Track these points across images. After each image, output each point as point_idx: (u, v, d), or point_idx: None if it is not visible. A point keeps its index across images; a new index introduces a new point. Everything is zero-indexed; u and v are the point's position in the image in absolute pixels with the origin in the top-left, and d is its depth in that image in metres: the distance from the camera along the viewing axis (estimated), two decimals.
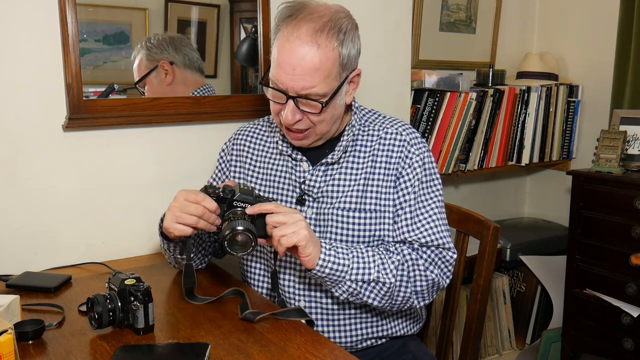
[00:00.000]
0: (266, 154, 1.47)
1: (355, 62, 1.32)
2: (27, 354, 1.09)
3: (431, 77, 2.30)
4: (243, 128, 1.54)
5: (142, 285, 1.17)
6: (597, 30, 2.65)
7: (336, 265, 1.25)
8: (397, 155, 1.36)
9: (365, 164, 1.37)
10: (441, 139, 2.33)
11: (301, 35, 1.22)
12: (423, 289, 1.31)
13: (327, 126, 1.32)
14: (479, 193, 2.88)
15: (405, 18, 2.11)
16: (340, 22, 1.26)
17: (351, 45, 1.28)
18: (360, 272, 1.26)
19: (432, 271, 1.31)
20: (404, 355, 1.41)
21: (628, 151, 2.33)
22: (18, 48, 1.49)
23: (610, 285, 2.26)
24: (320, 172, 1.38)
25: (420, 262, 1.30)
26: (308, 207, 1.38)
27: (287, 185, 1.41)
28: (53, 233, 1.59)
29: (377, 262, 1.28)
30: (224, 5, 1.89)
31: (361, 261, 1.27)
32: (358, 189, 1.36)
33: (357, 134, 1.40)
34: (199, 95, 1.80)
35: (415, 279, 1.30)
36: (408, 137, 1.38)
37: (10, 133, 1.51)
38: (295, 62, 1.22)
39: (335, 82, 1.27)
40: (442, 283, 1.34)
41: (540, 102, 2.59)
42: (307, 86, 1.23)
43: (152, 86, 1.74)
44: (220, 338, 1.15)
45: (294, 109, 1.26)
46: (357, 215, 1.35)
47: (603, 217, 2.28)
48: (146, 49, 1.73)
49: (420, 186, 1.35)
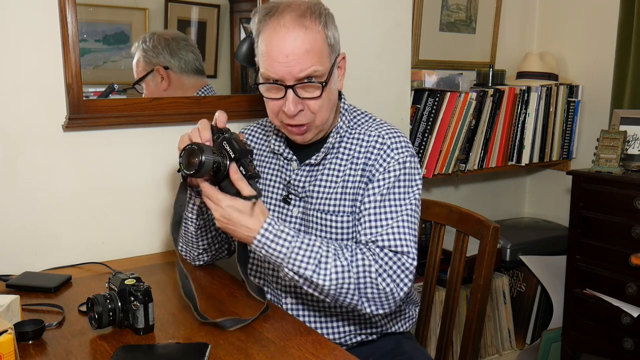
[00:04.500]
0: (262, 153, 1.48)
1: (338, 45, 1.33)
2: (27, 354, 1.09)
3: (431, 77, 2.30)
4: (243, 130, 1.55)
5: (142, 285, 1.17)
6: (597, 30, 2.65)
7: (271, 250, 1.22)
8: (374, 158, 1.34)
9: (345, 166, 1.36)
10: (441, 139, 2.33)
11: (286, 23, 1.24)
12: (374, 297, 1.24)
13: (326, 113, 1.31)
14: (479, 193, 2.88)
15: (405, 18, 2.11)
16: (319, 7, 1.28)
17: (333, 28, 1.30)
18: (297, 264, 1.22)
19: (384, 279, 1.24)
20: (398, 356, 1.41)
21: (628, 151, 2.33)
22: (18, 48, 1.49)
23: (610, 285, 2.26)
24: (305, 172, 1.39)
25: (373, 268, 1.23)
26: (294, 206, 1.39)
27: (276, 183, 1.43)
28: (53, 233, 1.59)
29: (317, 261, 1.22)
30: (224, 5, 1.89)
31: (301, 253, 1.22)
32: (337, 191, 1.35)
33: (344, 135, 1.39)
34: (196, 96, 1.79)
35: (365, 285, 1.23)
36: (389, 140, 1.35)
37: (10, 133, 1.51)
38: (288, 49, 1.23)
39: (328, 62, 1.28)
40: (397, 293, 1.25)
41: (540, 102, 2.59)
42: (304, 67, 1.24)
43: (149, 89, 1.73)
44: (220, 338, 1.15)
45: (294, 98, 1.26)
46: (335, 218, 1.34)
47: (603, 217, 2.27)
48: (142, 50, 1.72)
49: (391, 190, 1.31)
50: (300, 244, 1.23)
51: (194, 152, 1.20)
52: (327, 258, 1.23)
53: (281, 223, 1.25)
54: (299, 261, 1.22)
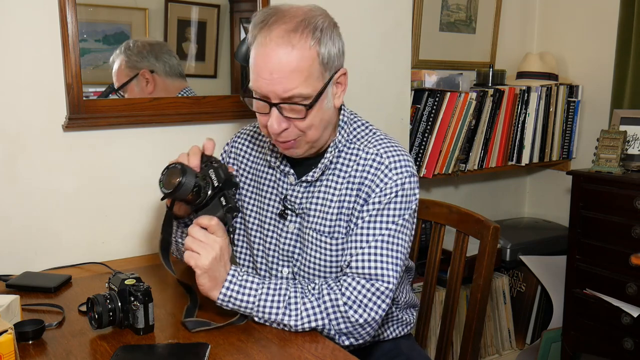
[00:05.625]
0: (260, 162, 1.42)
1: (339, 61, 1.25)
2: (27, 354, 1.09)
3: (431, 77, 2.30)
4: (244, 131, 1.50)
5: (142, 285, 1.17)
6: (597, 30, 2.65)
7: (238, 302, 1.20)
8: (370, 178, 1.27)
9: (342, 184, 1.29)
10: (441, 139, 2.33)
11: (274, 38, 1.16)
12: (349, 330, 1.20)
13: (317, 132, 1.24)
14: (479, 193, 2.88)
15: (405, 18, 2.11)
16: (315, 20, 1.19)
17: (330, 43, 1.20)
18: (266, 311, 1.20)
19: (355, 311, 1.19)
20: (396, 357, 1.40)
21: (628, 151, 2.33)
22: (18, 48, 1.49)
23: (610, 285, 2.26)
24: (302, 188, 1.33)
25: (341, 302, 1.19)
26: (290, 222, 1.35)
27: (273, 197, 1.37)
28: (53, 233, 1.59)
29: (286, 303, 1.20)
30: (224, 5, 1.89)
31: (269, 300, 1.20)
32: (333, 212, 1.29)
33: (342, 150, 1.32)
34: (196, 96, 1.79)
35: (337, 320, 1.19)
36: (387, 160, 1.27)
37: (11, 133, 1.51)
38: (272, 66, 1.16)
39: (319, 82, 1.20)
40: (371, 320, 1.21)
41: (540, 102, 2.59)
42: (288, 88, 1.17)
43: (133, 94, 1.72)
44: (220, 338, 1.15)
45: (278, 117, 1.20)
46: (329, 240, 1.29)
47: (603, 217, 2.27)
48: (125, 55, 1.71)
49: (379, 212, 1.25)
50: (265, 291, 1.21)
51: (176, 172, 1.19)
52: (295, 299, 1.20)
53: (244, 272, 1.23)
54: (268, 307, 1.20)
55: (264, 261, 1.39)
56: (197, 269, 1.18)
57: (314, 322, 1.19)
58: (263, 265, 1.40)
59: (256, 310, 1.20)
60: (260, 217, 1.39)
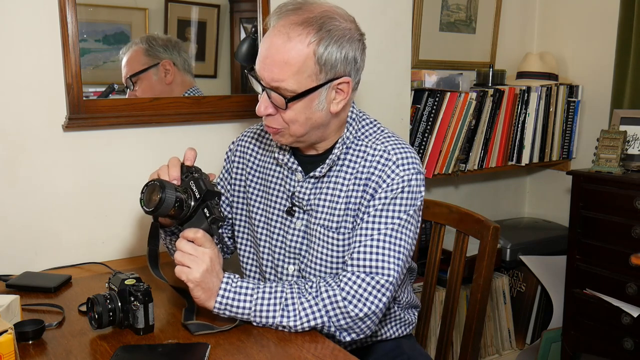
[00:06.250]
0: (267, 160, 1.42)
1: (342, 68, 1.22)
2: (27, 354, 1.09)
3: (431, 77, 2.30)
4: (249, 130, 1.50)
5: (142, 285, 1.18)
6: (597, 30, 2.65)
7: (235, 309, 1.20)
8: (377, 174, 1.27)
9: (350, 180, 1.30)
10: (441, 139, 2.33)
11: (279, 26, 1.19)
12: (349, 325, 1.21)
13: (301, 129, 1.24)
14: (479, 193, 2.88)
15: (405, 18, 2.11)
16: (329, 22, 1.18)
17: (335, 47, 1.19)
18: (264, 315, 1.20)
19: (355, 305, 1.19)
20: (398, 356, 1.41)
21: (628, 151, 2.33)
22: (18, 48, 1.49)
23: (610, 285, 2.26)
24: (310, 184, 1.34)
25: (339, 297, 1.19)
26: (298, 218, 1.35)
27: (281, 194, 1.38)
28: (53, 233, 1.59)
29: (283, 305, 1.20)
30: (224, 5, 1.89)
31: (265, 304, 1.20)
32: (340, 207, 1.29)
33: (350, 146, 1.33)
34: (196, 96, 1.80)
35: (337, 316, 1.20)
36: (395, 156, 1.27)
37: (11, 133, 1.51)
38: (267, 52, 1.19)
39: (310, 81, 1.19)
40: (371, 314, 1.21)
41: (540, 102, 2.59)
42: (275, 78, 1.18)
43: (149, 82, 1.73)
44: (220, 338, 1.15)
45: (265, 99, 1.22)
46: (336, 236, 1.30)
47: (603, 217, 2.27)
48: (147, 44, 1.74)
49: (385, 207, 1.25)
50: (261, 294, 1.21)
51: (155, 189, 1.19)
52: (292, 299, 1.21)
53: (238, 279, 1.23)
54: (265, 311, 1.20)
55: (270, 258, 1.40)
56: (190, 282, 1.18)
57: (313, 320, 1.19)
58: (269, 263, 1.40)
59: (254, 316, 1.20)
60: (267, 214, 1.39)
